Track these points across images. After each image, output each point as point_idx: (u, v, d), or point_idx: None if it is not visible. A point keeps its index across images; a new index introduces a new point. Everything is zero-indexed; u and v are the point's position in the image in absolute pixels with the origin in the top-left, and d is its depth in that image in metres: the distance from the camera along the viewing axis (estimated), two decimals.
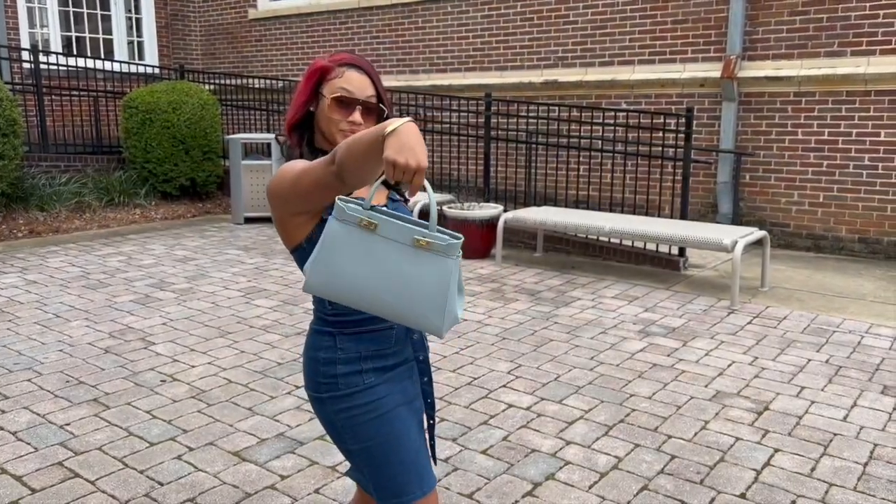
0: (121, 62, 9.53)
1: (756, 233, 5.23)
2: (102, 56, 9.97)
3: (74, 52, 9.89)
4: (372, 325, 1.64)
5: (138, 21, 10.74)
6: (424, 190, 1.36)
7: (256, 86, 9.30)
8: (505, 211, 6.50)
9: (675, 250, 6.02)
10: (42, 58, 8.68)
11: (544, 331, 4.44)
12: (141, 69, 9.72)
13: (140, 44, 10.79)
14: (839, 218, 6.52)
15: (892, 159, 6.22)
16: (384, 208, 1.43)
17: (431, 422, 1.77)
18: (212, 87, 9.62)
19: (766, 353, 4.08)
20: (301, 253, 1.60)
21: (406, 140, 1.29)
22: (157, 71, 10.05)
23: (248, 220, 8.06)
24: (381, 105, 1.67)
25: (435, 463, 1.71)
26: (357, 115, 1.62)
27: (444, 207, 6.47)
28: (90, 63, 9.15)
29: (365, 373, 1.64)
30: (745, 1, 6.70)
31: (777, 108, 6.70)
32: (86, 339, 4.26)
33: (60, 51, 9.72)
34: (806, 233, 6.68)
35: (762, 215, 6.86)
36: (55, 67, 8.77)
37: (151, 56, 10.82)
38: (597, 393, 3.53)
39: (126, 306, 4.91)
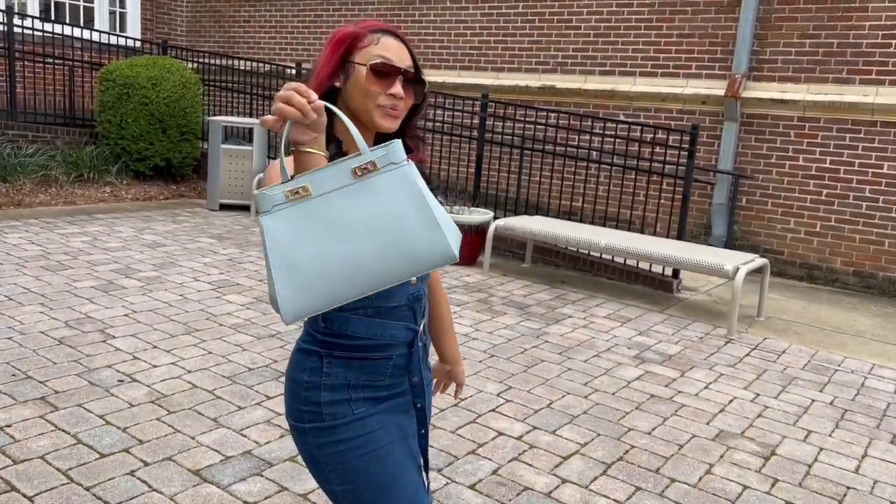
0: (100, 32, 9.08)
1: (757, 260, 5.03)
2: (82, 24, 9.52)
3: (52, 18, 9.43)
4: (366, 353, 1.40)
5: None
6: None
7: (242, 67, 8.93)
8: (495, 218, 6.24)
9: (668, 271, 5.80)
10: (17, 21, 8.23)
11: (535, 350, 4.18)
12: (121, 41, 9.28)
13: (122, 15, 10.34)
14: (835, 249, 6.36)
15: (894, 193, 6.07)
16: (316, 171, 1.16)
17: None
18: (195, 65, 9.22)
19: (767, 389, 3.87)
20: None
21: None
22: (138, 44, 9.62)
23: (224, 207, 7.69)
24: (421, 77, 1.43)
25: None
26: (398, 87, 1.38)
27: None
28: (67, 30, 8.71)
29: (354, 402, 1.40)
30: (754, 20, 6.51)
31: (780, 131, 6.53)
32: (39, 327, 3.91)
33: (37, 15, 9.25)
34: (800, 262, 6.52)
35: (756, 240, 6.68)
36: (30, 32, 8.31)
37: (133, 28, 10.38)
38: (593, 424, 3.27)
39: (86, 293, 4.55)
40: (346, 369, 1.38)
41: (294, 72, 8.45)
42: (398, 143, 1.16)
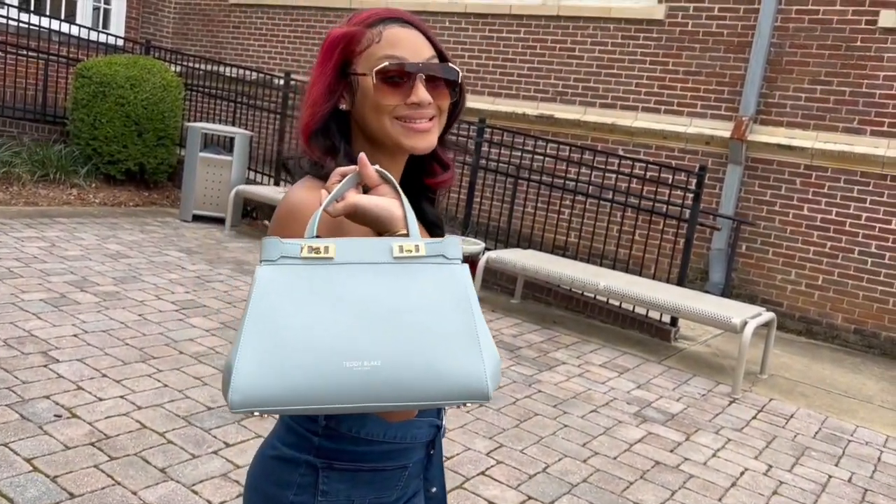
0: (81, 27, 8.66)
1: (765, 314, 4.72)
2: (62, 17, 9.09)
3: (31, 9, 9.00)
4: (379, 463, 1.03)
5: None
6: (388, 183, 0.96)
7: (228, 74, 8.54)
8: (485, 249, 5.89)
9: (665, 317, 5.47)
10: None
11: (527, 400, 3.81)
12: (102, 38, 8.86)
13: (107, 11, 9.93)
14: (836, 304, 6.08)
15: None
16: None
17: None
18: (178, 68, 8.82)
19: (780, 460, 3.53)
20: None
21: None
22: (120, 42, 9.21)
23: (197, 219, 7.26)
24: (450, 67, 1.03)
25: None
26: (421, 91, 0.99)
27: None
28: (46, 23, 8.28)
29: None
30: (765, 61, 6.28)
31: (785, 178, 6.27)
32: None
33: (15, 4, 8.81)
34: (799, 315, 6.23)
35: (754, 290, 6.39)
36: (4, 21, 7.87)
37: (118, 26, 9.96)
38: (594, 496, 2.90)
39: (34, 306, 4.11)
40: (351, 485, 1.00)
41: (282, 82, 8.08)
42: (456, 239, 0.92)
